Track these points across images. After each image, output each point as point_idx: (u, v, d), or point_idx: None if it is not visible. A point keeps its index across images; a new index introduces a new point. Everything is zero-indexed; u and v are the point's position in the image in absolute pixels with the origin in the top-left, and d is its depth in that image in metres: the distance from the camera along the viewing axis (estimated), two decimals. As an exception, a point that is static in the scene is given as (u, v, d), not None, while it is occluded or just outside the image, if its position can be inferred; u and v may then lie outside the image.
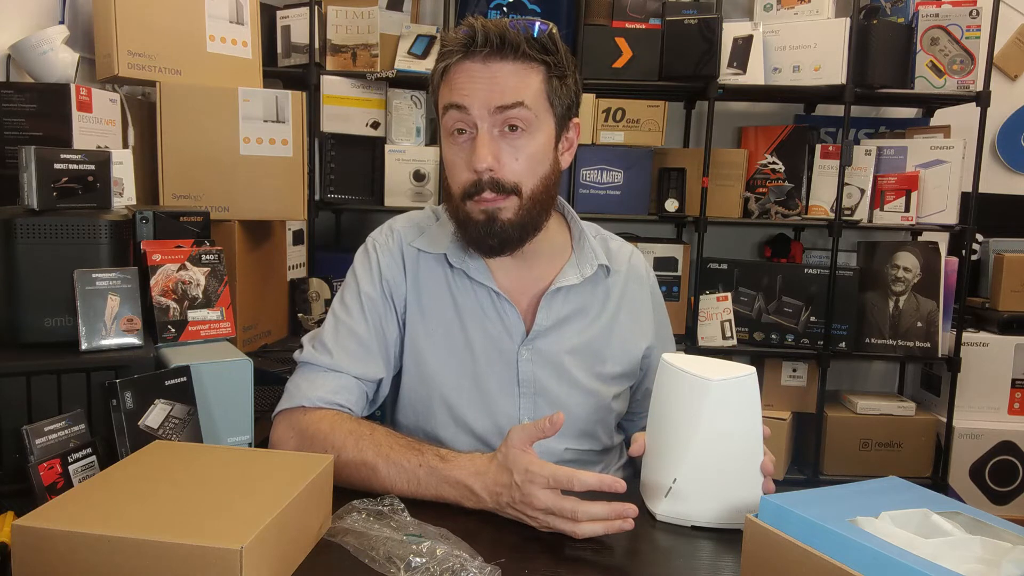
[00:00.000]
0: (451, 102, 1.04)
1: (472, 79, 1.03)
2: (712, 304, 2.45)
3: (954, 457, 2.48)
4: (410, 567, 0.76)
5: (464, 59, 1.04)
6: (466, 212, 1.07)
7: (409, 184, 2.43)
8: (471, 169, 1.04)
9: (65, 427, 0.91)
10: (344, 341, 1.11)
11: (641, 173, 2.43)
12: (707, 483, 0.92)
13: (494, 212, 1.05)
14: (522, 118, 1.04)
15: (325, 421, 1.04)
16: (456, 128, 1.05)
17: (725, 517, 0.92)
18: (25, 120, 1.49)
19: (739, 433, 0.90)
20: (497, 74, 1.03)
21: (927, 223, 2.45)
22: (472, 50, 1.03)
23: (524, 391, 1.13)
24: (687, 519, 0.93)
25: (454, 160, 1.07)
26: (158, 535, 0.67)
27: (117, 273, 1.05)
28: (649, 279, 1.27)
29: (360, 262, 1.17)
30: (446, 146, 1.08)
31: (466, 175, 1.05)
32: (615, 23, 2.41)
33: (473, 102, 1.03)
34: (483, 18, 1.05)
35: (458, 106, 1.04)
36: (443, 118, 1.07)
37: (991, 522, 0.71)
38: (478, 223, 1.06)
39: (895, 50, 2.37)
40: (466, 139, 1.05)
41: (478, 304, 1.14)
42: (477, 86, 1.03)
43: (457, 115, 1.04)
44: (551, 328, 1.14)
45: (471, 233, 1.08)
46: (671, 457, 0.94)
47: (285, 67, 2.41)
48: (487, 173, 1.03)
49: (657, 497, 0.95)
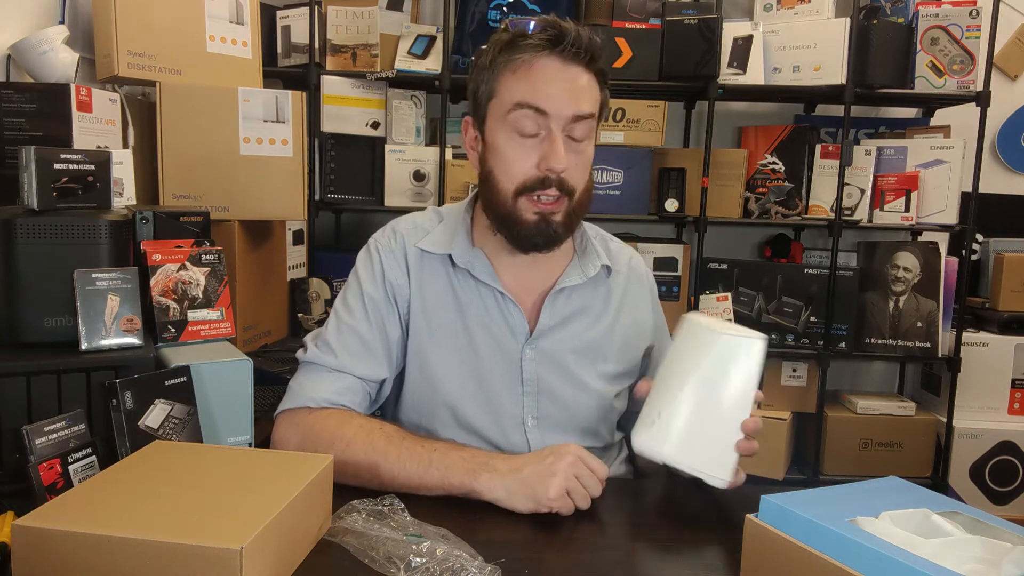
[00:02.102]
0: (530, 103, 1.02)
1: (553, 81, 1.02)
2: (712, 304, 2.45)
3: (954, 457, 2.48)
4: (410, 567, 0.76)
5: (544, 55, 1.02)
6: (517, 209, 1.06)
7: (409, 184, 2.43)
8: (536, 167, 1.04)
9: (65, 427, 0.91)
10: (347, 341, 1.11)
11: (641, 173, 2.43)
12: (687, 425, 0.93)
13: (548, 214, 1.06)
14: (588, 128, 1.06)
15: (333, 417, 1.05)
16: (526, 128, 1.04)
17: (696, 463, 0.93)
18: (25, 120, 1.49)
19: (731, 389, 0.93)
20: (576, 79, 1.03)
21: (927, 223, 2.45)
22: (556, 49, 1.01)
23: (528, 390, 1.14)
24: (660, 456, 0.95)
25: (515, 155, 1.05)
26: (158, 535, 0.67)
27: (117, 273, 1.05)
28: (648, 280, 1.28)
29: (362, 263, 1.17)
30: (505, 139, 1.05)
31: (530, 171, 1.05)
32: (615, 23, 2.41)
33: (555, 107, 1.02)
34: (560, 20, 1.03)
35: (537, 108, 1.02)
36: (510, 112, 1.04)
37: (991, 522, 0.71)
38: (529, 223, 1.06)
39: (895, 50, 2.37)
40: (535, 140, 1.04)
41: (482, 304, 1.14)
42: (556, 90, 1.02)
43: (533, 115, 1.03)
44: (555, 328, 1.15)
45: (518, 230, 1.07)
46: (665, 394, 0.96)
47: (285, 67, 2.41)
48: (557, 173, 1.04)
49: (640, 429, 0.97)
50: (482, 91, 1.08)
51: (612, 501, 1.05)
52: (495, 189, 1.08)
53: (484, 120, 1.09)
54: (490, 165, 1.08)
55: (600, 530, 0.96)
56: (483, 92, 1.07)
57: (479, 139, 1.11)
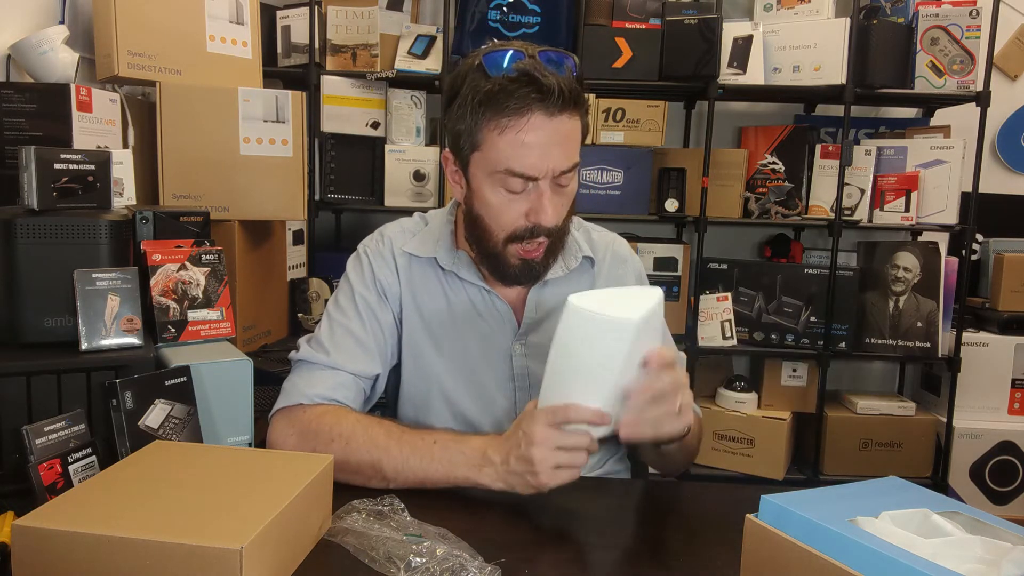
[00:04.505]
0: (519, 172, 1.01)
1: (539, 143, 0.99)
2: (712, 304, 2.45)
3: (954, 457, 2.48)
4: (410, 567, 0.76)
5: (529, 113, 0.99)
6: (505, 254, 1.08)
7: (409, 184, 2.43)
8: (526, 218, 1.04)
9: (65, 427, 0.91)
10: (340, 339, 1.12)
11: (641, 173, 2.43)
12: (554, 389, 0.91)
13: (533, 259, 1.08)
14: (574, 173, 1.06)
15: (329, 414, 1.05)
16: (515, 187, 1.02)
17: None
18: (25, 120, 1.49)
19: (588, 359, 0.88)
20: (559, 130, 1.00)
21: (927, 223, 2.45)
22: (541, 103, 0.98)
23: (519, 385, 1.16)
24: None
25: (505, 209, 1.05)
26: (158, 535, 0.67)
27: (117, 273, 1.05)
28: (633, 263, 1.27)
29: (353, 268, 1.19)
30: (494, 194, 1.04)
31: (519, 221, 1.05)
32: (615, 23, 2.41)
33: (544, 170, 1.01)
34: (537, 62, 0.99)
35: (527, 176, 1.01)
36: (495, 172, 1.02)
37: (991, 522, 0.71)
38: (514, 266, 1.09)
39: (895, 50, 2.37)
40: (522, 194, 1.04)
41: (470, 302, 1.16)
42: (544, 152, 1.00)
43: (521, 180, 1.02)
44: (541, 321, 1.16)
45: (504, 270, 1.10)
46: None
47: (285, 67, 2.41)
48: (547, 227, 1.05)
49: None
50: (464, 140, 1.04)
51: (612, 501, 1.05)
52: (485, 233, 1.08)
53: (467, 165, 1.07)
54: (478, 211, 1.08)
55: (600, 530, 0.96)
56: (465, 141, 1.04)
57: (462, 177, 1.09)
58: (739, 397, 2.51)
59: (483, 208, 1.07)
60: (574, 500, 0.98)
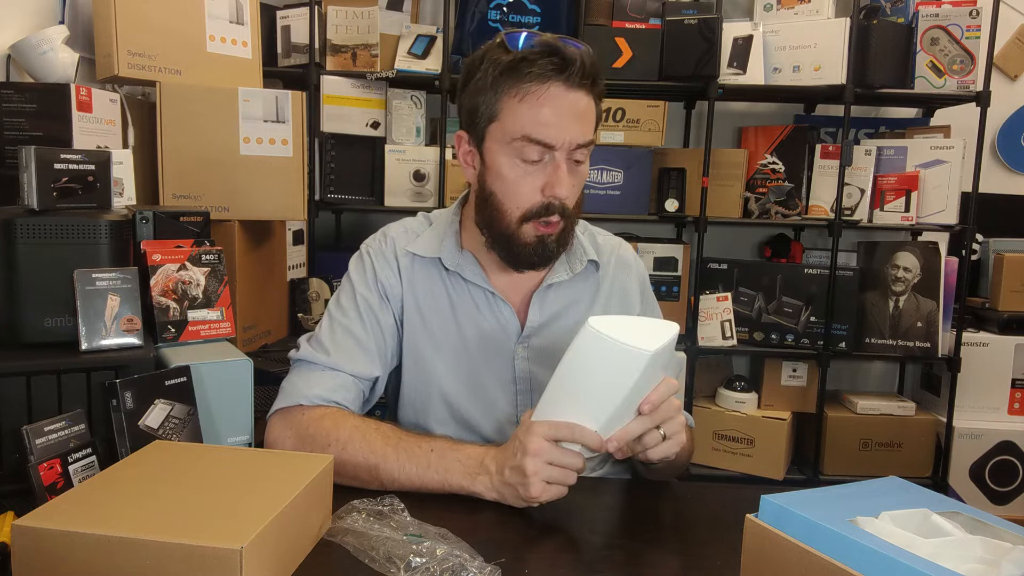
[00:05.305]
0: (538, 138, 1.02)
1: (558, 113, 1.02)
2: (712, 304, 2.45)
3: (954, 457, 2.48)
4: (410, 567, 0.76)
5: (549, 84, 1.01)
6: (519, 233, 1.08)
7: (409, 184, 2.43)
8: (541, 193, 1.05)
9: (65, 427, 0.91)
10: (341, 340, 1.12)
11: (641, 173, 2.43)
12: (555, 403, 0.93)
13: (547, 236, 1.08)
14: (589, 151, 1.07)
15: (328, 418, 1.05)
16: (531, 156, 1.04)
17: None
18: (25, 120, 1.49)
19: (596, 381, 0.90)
20: (578, 105, 1.03)
21: (927, 223, 2.45)
22: (562, 76, 1.00)
23: (521, 388, 1.15)
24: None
25: (520, 182, 1.06)
26: (158, 535, 0.67)
27: (117, 273, 1.05)
28: (637, 267, 1.28)
29: (355, 268, 1.18)
30: (509, 165, 1.06)
31: (535, 198, 1.06)
32: (615, 23, 2.41)
33: (562, 139, 1.02)
34: (553, 36, 1.02)
35: (545, 143, 1.03)
36: (515, 141, 1.04)
37: (991, 522, 0.71)
38: (529, 245, 1.08)
39: (895, 50, 2.37)
40: (538, 165, 1.05)
41: (474, 304, 1.16)
42: (563, 122, 1.02)
43: (539, 148, 1.03)
44: (545, 324, 1.16)
45: (517, 251, 1.09)
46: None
47: (285, 67, 2.41)
48: (561, 200, 1.05)
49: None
50: (481, 112, 1.06)
51: (612, 501, 1.05)
52: (498, 212, 1.08)
53: (483, 140, 1.08)
54: (491, 188, 1.08)
55: (600, 530, 0.96)
56: (483, 113, 1.06)
57: (476, 156, 1.10)
58: (739, 397, 2.51)
59: (498, 183, 1.07)
60: (574, 500, 0.98)
